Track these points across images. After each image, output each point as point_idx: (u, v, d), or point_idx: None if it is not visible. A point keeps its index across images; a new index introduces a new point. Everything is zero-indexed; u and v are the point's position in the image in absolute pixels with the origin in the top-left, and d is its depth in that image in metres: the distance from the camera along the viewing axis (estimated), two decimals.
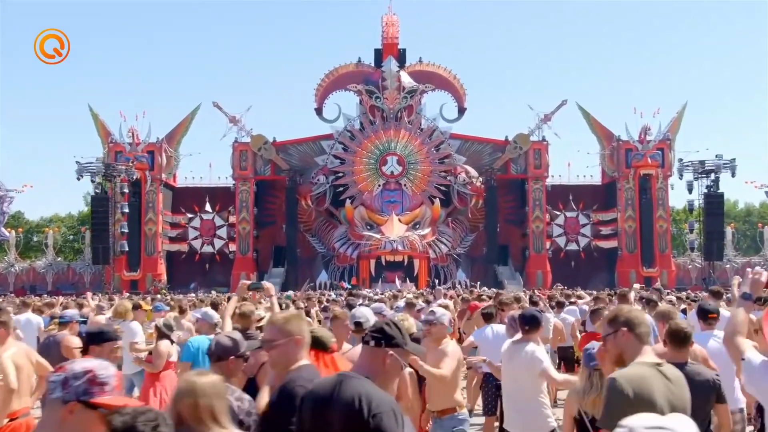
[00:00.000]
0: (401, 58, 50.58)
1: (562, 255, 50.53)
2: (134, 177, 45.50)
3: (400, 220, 47.10)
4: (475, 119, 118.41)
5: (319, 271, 48.35)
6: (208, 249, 50.63)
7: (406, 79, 49.99)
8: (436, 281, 40.51)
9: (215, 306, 11.29)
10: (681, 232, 54.96)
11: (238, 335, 4.10)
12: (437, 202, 48.87)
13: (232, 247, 50.07)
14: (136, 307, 10.96)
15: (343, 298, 16.79)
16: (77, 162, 44.48)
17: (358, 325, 5.68)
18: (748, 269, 3.50)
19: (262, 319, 7.09)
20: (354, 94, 51.10)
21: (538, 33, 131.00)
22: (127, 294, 34.74)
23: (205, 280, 48.36)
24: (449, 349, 5.87)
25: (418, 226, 47.73)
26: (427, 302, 13.60)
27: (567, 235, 51.17)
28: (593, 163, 52.41)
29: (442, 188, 49.45)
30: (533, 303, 10.99)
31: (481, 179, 49.90)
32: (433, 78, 51.04)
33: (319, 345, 4.29)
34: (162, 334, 7.86)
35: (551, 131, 50.89)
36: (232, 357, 3.96)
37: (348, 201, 48.76)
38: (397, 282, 40.28)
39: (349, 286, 39.50)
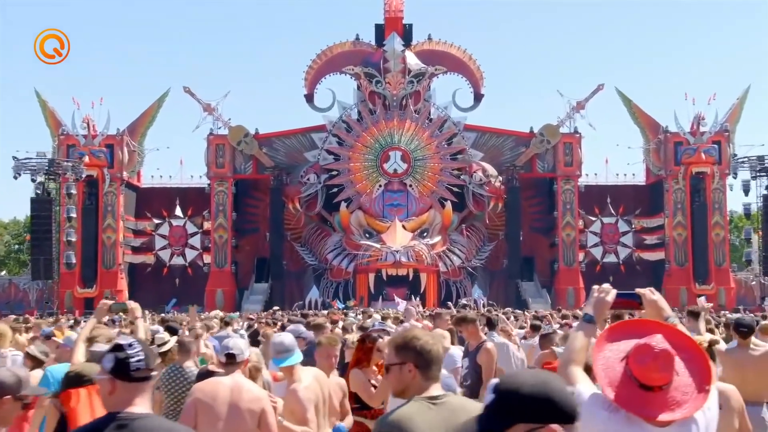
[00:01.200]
0: (407, 35, 50.46)
1: (597, 269, 50.09)
2: (83, 175, 44.13)
3: (404, 227, 46.90)
4: (495, 108, 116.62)
5: (309, 288, 48.15)
6: (178, 261, 50.51)
7: (413, 60, 49.83)
8: (412, 296, 40.59)
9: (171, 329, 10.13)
10: (743, 242, 53.59)
11: (24, 373, 3.91)
12: (449, 205, 48.54)
13: (207, 258, 49.98)
14: (49, 336, 10.35)
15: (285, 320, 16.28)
16: (14, 158, 43.73)
17: (230, 357, 5.66)
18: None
19: (165, 343, 7.67)
20: (351, 78, 50.85)
21: (568, 6, 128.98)
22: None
23: (174, 299, 47.60)
24: (300, 393, 5.80)
25: (425, 234, 47.60)
26: (401, 323, 12.82)
27: (604, 245, 51.00)
28: (636, 159, 52.39)
29: (455, 189, 49.23)
30: (490, 324, 10.42)
31: (501, 179, 49.62)
32: (444, 59, 50.85)
33: (82, 382, 4.53)
34: (37, 362, 7.49)
35: (585, 121, 50.64)
36: (9, 397, 3.74)
37: (343, 204, 48.57)
38: (397, 300, 39.33)
39: (343, 306, 38.82)
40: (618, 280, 49.28)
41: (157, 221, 50.66)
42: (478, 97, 51.25)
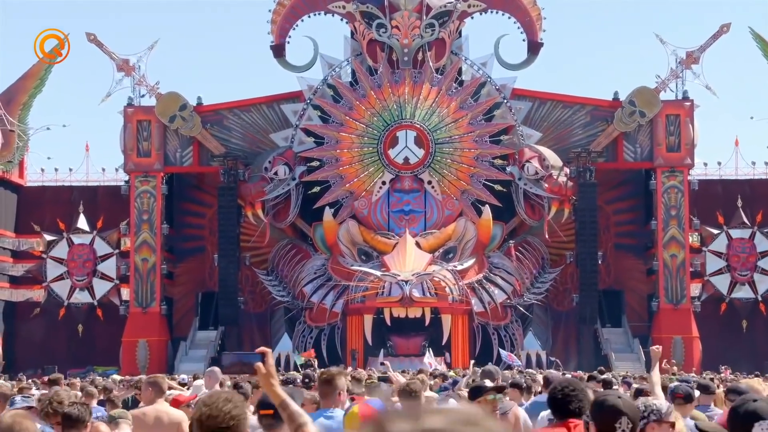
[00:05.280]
0: None
1: (722, 308, 50.29)
2: None
3: (419, 245, 46.51)
4: (560, 64, 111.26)
5: (279, 336, 48.29)
6: (81, 297, 50.60)
7: None
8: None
9: None
10: None
11: None
12: (487, 212, 48.08)
13: (126, 293, 49.56)
14: None
15: None
16: None
17: None
18: None
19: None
20: (341, 21, 50.68)
21: None
22: None
23: (75, 354, 48.18)
24: None
25: (451, 256, 47.30)
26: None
27: (733, 272, 50.70)
28: None
29: (498, 188, 48.71)
30: (411, 392, 10.34)
31: (568, 171, 48.96)
32: None
33: None
34: None
35: (700, 83, 50.23)
36: None
37: (329, 211, 48.48)
38: (426, 360, 38.89)
39: (302, 362, 39.49)
40: (756, 326, 50.20)
41: (49, 237, 50.40)
42: (534, 48, 50.66)
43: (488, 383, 9.05)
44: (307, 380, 15.30)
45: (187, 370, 38.70)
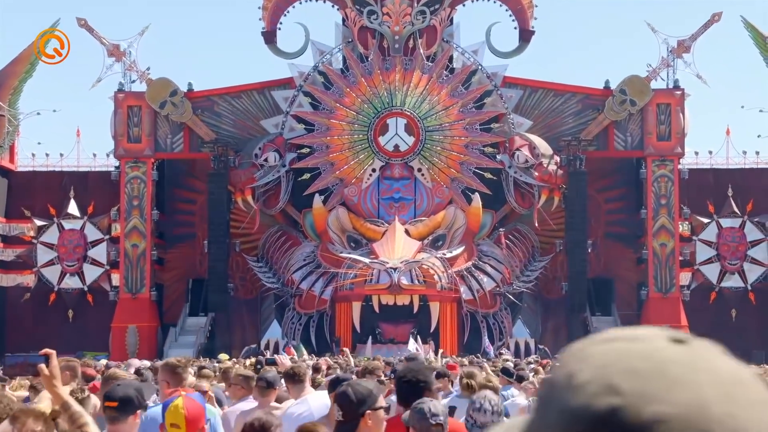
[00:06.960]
0: None
1: (712, 297, 50.49)
2: None
3: (408, 233, 46.67)
4: (551, 52, 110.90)
5: (269, 323, 48.89)
6: (72, 283, 50.78)
7: None
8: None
9: None
10: None
11: None
12: (477, 200, 48.01)
13: (116, 279, 50.04)
14: None
15: None
16: None
17: None
18: None
19: None
20: (332, 7, 50.74)
21: None
22: None
23: (65, 339, 46.86)
24: None
25: (440, 243, 47.42)
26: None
27: (723, 262, 50.91)
28: None
29: (488, 176, 48.91)
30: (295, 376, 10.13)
31: (558, 160, 49.01)
32: None
33: None
34: None
35: (690, 72, 50.27)
36: None
37: (318, 198, 48.65)
38: (413, 345, 38.80)
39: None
40: (745, 315, 49.99)
41: (40, 222, 50.51)
42: (525, 36, 50.63)
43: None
44: (259, 366, 15.44)
45: (178, 356, 38.82)
